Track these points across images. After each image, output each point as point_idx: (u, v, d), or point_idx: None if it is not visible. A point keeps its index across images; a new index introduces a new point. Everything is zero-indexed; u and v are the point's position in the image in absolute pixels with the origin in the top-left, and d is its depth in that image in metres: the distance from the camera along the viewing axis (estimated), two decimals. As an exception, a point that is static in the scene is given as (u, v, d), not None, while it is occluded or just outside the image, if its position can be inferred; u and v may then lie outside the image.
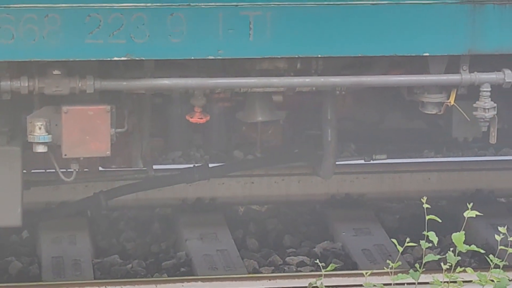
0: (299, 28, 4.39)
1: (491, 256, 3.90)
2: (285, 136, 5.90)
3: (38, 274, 5.54)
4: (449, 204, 6.37)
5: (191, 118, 4.83)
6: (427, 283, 4.05)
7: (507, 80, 4.66)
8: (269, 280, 5.17)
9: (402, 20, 4.52)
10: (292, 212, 6.62)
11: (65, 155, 4.52)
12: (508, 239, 3.88)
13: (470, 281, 4.01)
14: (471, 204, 3.96)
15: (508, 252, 3.88)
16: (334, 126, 5.39)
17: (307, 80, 4.76)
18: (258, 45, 4.39)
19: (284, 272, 5.63)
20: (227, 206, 6.60)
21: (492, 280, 3.85)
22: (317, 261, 4.47)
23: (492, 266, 3.84)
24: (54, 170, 4.92)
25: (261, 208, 6.77)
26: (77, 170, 4.88)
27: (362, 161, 6.46)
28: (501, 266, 3.83)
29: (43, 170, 5.49)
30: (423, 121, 5.70)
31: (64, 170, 4.84)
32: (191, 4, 4.28)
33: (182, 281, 5.16)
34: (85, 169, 5.28)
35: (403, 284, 4.08)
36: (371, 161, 6.20)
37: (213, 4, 4.27)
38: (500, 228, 3.91)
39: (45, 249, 5.77)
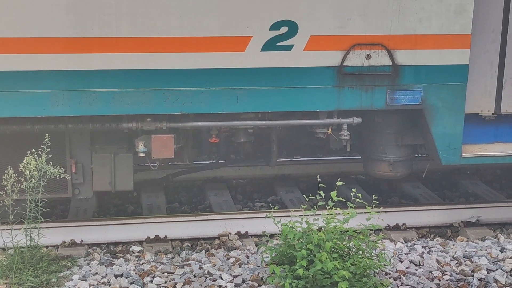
0: (259, 98, 5.51)
1: (349, 203, 4.92)
2: (253, 148, 6.59)
3: (141, 212, 6.81)
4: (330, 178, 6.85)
5: (210, 140, 5.96)
6: (320, 215, 4.82)
7: (355, 122, 5.83)
8: (248, 214, 6.42)
9: (307, 94, 5.57)
10: (256, 183, 7.74)
11: (153, 157, 5.70)
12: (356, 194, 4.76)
13: (339, 213, 4.74)
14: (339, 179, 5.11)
15: (356, 200, 4.82)
16: (276, 143, 6.30)
17: (263, 122, 5.86)
18: (240, 106, 5.52)
19: (253, 210, 6.83)
20: (228, 180, 7.64)
21: (348, 213, 4.70)
22: (270, 205, 5.74)
23: (349, 207, 4.84)
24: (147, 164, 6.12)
25: (244, 181, 7.78)
26: (158, 164, 6.11)
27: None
28: (354, 207, 4.81)
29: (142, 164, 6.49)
30: (317, 141, 6.41)
31: (152, 164, 6.06)
32: (211, 87, 5.39)
33: (206, 215, 6.43)
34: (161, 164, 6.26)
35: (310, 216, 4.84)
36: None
37: (221, 87, 5.42)
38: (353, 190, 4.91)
39: (143, 200, 7.04)
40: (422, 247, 5.57)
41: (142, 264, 5.17)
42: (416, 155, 6.73)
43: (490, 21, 6.09)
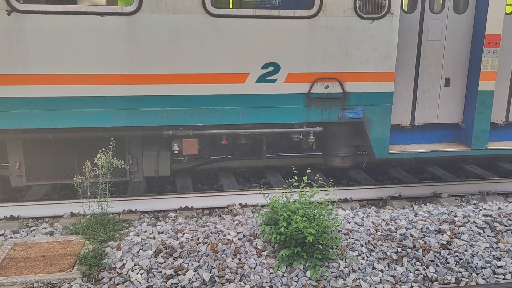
0: (254, 114, 5.53)
1: (314, 184, 4.83)
2: (250, 147, 6.35)
3: (175, 190, 6.66)
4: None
5: (222, 142, 5.93)
6: (295, 192, 4.83)
7: (318, 130, 5.78)
8: (247, 191, 6.30)
9: (286, 112, 5.59)
10: (252, 171, 7.51)
11: (184, 154, 5.69)
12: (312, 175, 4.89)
13: (308, 191, 4.70)
14: (308, 169, 5.32)
15: (319, 182, 4.85)
16: (266, 144, 6.20)
17: (257, 130, 5.76)
18: (242, 119, 5.55)
19: (250, 189, 6.72)
20: (234, 169, 7.50)
21: (313, 191, 4.71)
22: (261, 186, 6.05)
23: (314, 186, 4.78)
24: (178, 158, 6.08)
25: (244, 169, 7.54)
26: (187, 158, 6.08)
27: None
28: (317, 186, 4.76)
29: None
30: (293, 142, 6.20)
31: (183, 158, 6.05)
32: (222, 107, 5.44)
33: (219, 191, 6.32)
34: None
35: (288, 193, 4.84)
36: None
37: (229, 107, 5.45)
38: (316, 175, 5.21)
39: (177, 183, 6.86)
40: (363, 213, 5.59)
41: (176, 225, 5.19)
42: (359, 151, 6.74)
43: (408, 63, 6.11)
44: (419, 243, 4.75)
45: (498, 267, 4.45)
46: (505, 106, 6.47)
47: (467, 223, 5.19)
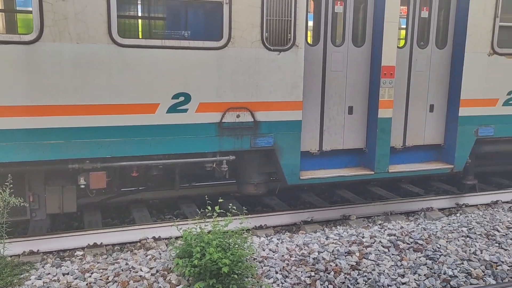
0: (166, 144, 5.42)
1: (228, 213, 4.77)
2: (163, 178, 6.24)
3: (83, 227, 6.22)
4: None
5: (132, 174, 5.70)
6: (208, 222, 4.69)
7: (231, 159, 5.84)
8: (160, 223, 6.06)
9: (198, 141, 5.57)
10: (166, 202, 7.27)
11: (91, 187, 5.39)
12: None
13: (221, 220, 4.60)
14: (220, 199, 5.13)
15: (232, 211, 4.79)
16: (179, 174, 6.08)
17: (169, 161, 5.68)
18: (153, 150, 5.36)
19: (164, 221, 6.46)
20: (146, 201, 7.22)
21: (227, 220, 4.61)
22: (173, 217, 5.96)
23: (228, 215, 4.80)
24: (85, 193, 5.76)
25: (157, 201, 7.27)
26: (95, 192, 5.76)
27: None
28: (231, 215, 4.67)
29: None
30: (206, 171, 6.14)
31: (90, 192, 5.70)
32: (132, 138, 5.22)
33: (131, 225, 6.01)
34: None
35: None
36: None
37: (139, 138, 5.24)
38: (230, 204, 5.00)
39: (85, 218, 6.52)
40: (277, 239, 5.63)
41: (84, 264, 4.92)
42: (271, 178, 6.85)
43: (314, 92, 6.38)
44: (331, 265, 4.88)
45: (403, 283, 4.69)
46: (402, 132, 6.97)
47: (373, 243, 5.43)
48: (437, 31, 6.87)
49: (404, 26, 6.79)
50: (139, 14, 5.57)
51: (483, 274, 4.84)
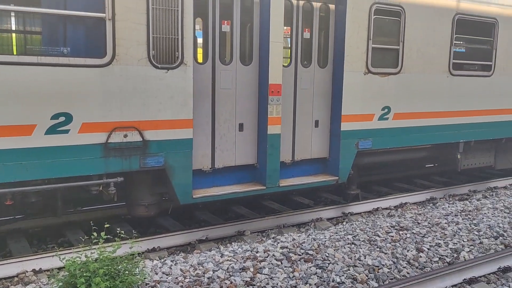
0: (45, 168, 5.04)
1: (116, 238, 4.70)
2: (44, 204, 5.79)
3: None
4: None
5: (6, 202, 5.23)
6: (94, 249, 4.44)
7: (119, 180, 5.59)
8: (41, 254, 5.59)
9: (82, 163, 5.27)
10: (49, 229, 6.77)
11: None
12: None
13: (110, 246, 4.51)
14: (106, 224, 5.15)
15: (121, 235, 4.94)
16: (61, 199, 5.76)
17: (47, 186, 5.30)
18: (30, 175, 5.02)
19: (46, 251, 5.96)
20: (25, 230, 6.65)
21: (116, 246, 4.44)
22: (56, 247, 5.61)
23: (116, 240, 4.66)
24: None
25: (39, 229, 6.73)
26: None
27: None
28: (119, 240, 4.63)
29: None
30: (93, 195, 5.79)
31: None
32: (4, 163, 4.83)
33: (7, 259, 5.52)
34: None
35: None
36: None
37: (13, 162, 4.85)
38: (117, 228, 5.21)
39: None
40: (171, 261, 5.50)
41: None
42: (164, 198, 6.70)
43: (205, 110, 6.38)
44: (226, 283, 4.85)
45: (294, 295, 4.84)
46: (291, 146, 7.26)
47: (267, 257, 5.52)
48: (318, 51, 7.29)
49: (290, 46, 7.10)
50: (13, 28, 5.20)
51: (367, 278, 5.14)
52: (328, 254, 5.61)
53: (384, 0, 7.33)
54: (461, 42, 8.65)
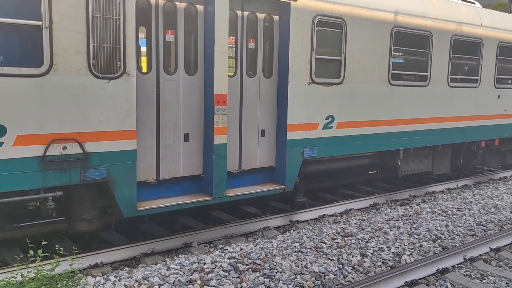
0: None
1: (55, 255, 4.46)
2: None
3: None
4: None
5: None
6: (31, 267, 4.26)
7: (58, 195, 5.37)
8: None
9: (17, 177, 5.01)
10: None
11: None
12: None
13: (48, 263, 4.27)
14: (43, 241, 5.08)
15: (60, 252, 4.55)
16: None
17: None
18: None
19: None
20: None
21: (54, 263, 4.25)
22: None
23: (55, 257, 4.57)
24: None
25: None
26: None
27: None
28: (58, 257, 4.44)
29: None
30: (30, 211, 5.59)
31: None
32: None
33: None
34: None
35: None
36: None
37: None
38: (56, 245, 4.98)
39: None
40: (115, 277, 5.32)
41: None
42: (106, 212, 6.51)
43: (149, 121, 6.26)
44: (172, 298, 4.79)
45: (242, 305, 4.83)
46: (238, 156, 7.28)
47: (214, 268, 5.47)
48: (263, 62, 7.37)
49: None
50: None
51: (313, 285, 5.22)
52: (276, 262, 5.66)
53: (326, 12, 7.54)
54: (400, 54, 9.04)
